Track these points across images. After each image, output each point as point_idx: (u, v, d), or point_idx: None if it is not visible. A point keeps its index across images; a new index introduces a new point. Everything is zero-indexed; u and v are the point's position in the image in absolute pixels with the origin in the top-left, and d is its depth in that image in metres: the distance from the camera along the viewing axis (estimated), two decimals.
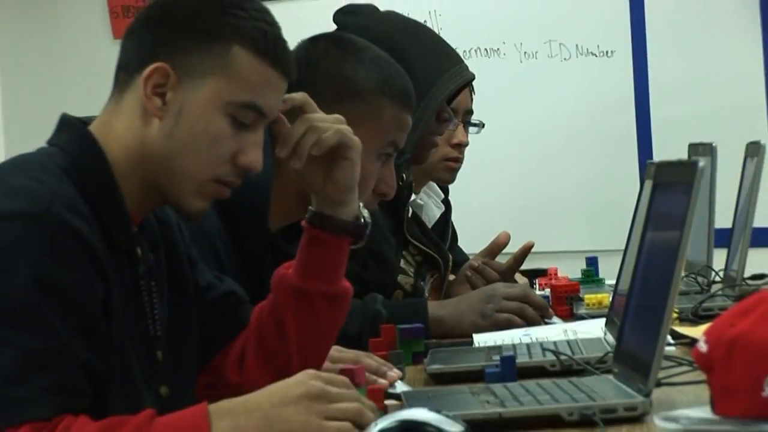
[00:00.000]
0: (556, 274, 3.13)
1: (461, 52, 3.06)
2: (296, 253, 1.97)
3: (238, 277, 2.08)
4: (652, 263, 1.75)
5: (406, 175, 2.84)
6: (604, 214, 4.45)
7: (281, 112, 1.86)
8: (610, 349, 1.98)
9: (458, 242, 3.47)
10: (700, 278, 2.84)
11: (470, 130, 3.32)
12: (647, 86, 4.53)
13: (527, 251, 2.98)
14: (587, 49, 4.62)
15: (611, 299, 2.43)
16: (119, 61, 1.78)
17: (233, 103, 1.74)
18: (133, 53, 1.76)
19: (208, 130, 1.73)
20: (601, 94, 4.59)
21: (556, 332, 2.36)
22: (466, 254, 3.37)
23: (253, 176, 1.83)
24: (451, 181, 3.31)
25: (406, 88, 2.31)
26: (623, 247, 2.49)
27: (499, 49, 4.71)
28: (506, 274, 2.92)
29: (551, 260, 3.45)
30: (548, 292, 2.81)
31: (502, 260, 3.00)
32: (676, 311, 2.26)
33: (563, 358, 1.98)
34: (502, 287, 2.62)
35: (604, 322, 2.31)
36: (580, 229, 4.54)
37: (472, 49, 4.65)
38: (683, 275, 2.45)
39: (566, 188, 4.59)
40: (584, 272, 3.19)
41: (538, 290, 2.97)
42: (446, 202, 3.38)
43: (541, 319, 2.55)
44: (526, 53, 4.69)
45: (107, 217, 1.69)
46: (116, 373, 1.65)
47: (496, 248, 3.04)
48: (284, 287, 1.95)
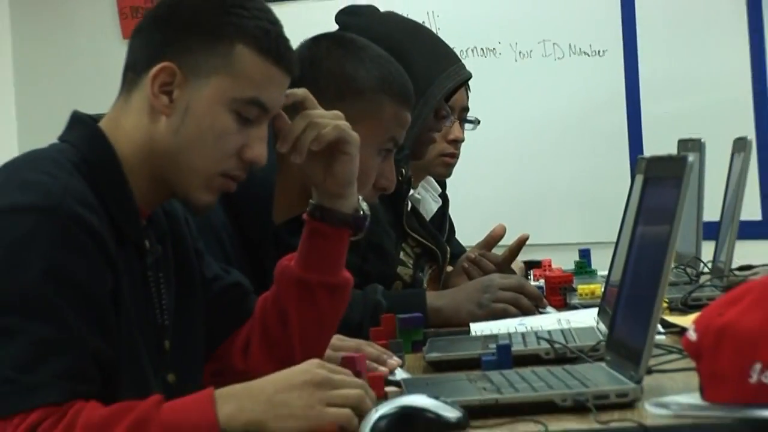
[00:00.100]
0: (550, 265, 3.12)
1: (458, 51, 3.06)
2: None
3: (243, 268, 2.08)
4: (642, 255, 1.75)
5: (405, 170, 2.84)
6: (596, 207, 4.45)
7: (283, 106, 1.86)
8: (602, 337, 1.98)
9: (455, 235, 3.47)
10: (689, 269, 2.84)
11: (466, 126, 3.32)
12: (638, 84, 4.53)
13: (522, 243, 2.97)
14: (580, 48, 4.62)
15: (603, 290, 2.43)
16: (127, 60, 1.78)
17: (238, 99, 1.74)
18: (140, 53, 1.76)
19: (214, 126, 1.73)
20: (593, 91, 4.58)
21: (550, 321, 2.36)
22: (463, 246, 3.37)
23: (257, 171, 1.83)
24: (447, 175, 3.31)
25: (405, 86, 2.30)
26: (615, 239, 2.49)
27: (494, 48, 4.71)
28: (502, 265, 2.92)
29: (545, 252, 3.44)
30: (542, 282, 2.81)
31: (497, 252, 2.99)
32: (666, 301, 2.25)
33: (557, 346, 1.98)
34: (498, 278, 2.62)
35: (596, 311, 2.30)
36: (573, 222, 4.54)
37: (468, 48, 4.64)
38: (673, 266, 2.44)
39: (560, 183, 4.59)
40: (577, 264, 3.19)
41: (532, 281, 2.96)
42: (443, 196, 3.37)
43: (535, 308, 2.54)
44: (520, 52, 4.69)
45: (116, 210, 1.69)
46: (125, 361, 1.66)
47: (492, 241, 3.04)
48: (287, 278, 1.95)
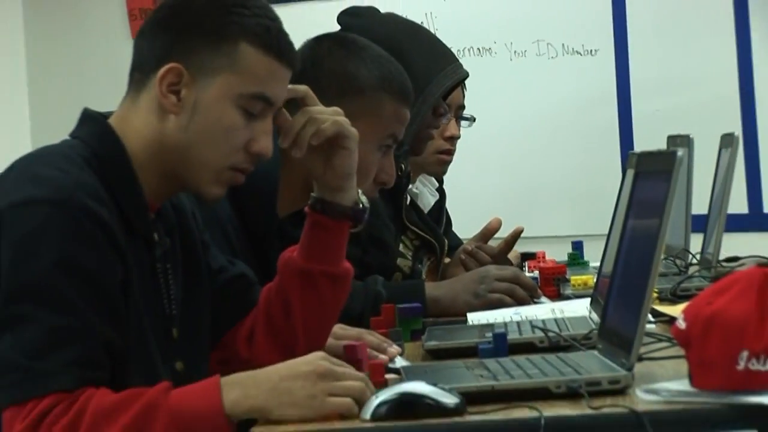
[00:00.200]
0: (544, 257, 3.12)
1: (455, 51, 3.05)
2: None
3: (248, 260, 2.08)
4: (633, 247, 1.75)
5: (404, 165, 2.84)
6: (588, 201, 4.45)
7: (285, 102, 1.86)
8: (594, 326, 1.97)
9: (452, 227, 3.47)
10: (678, 261, 2.83)
11: (462, 124, 3.32)
12: (629, 82, 4.52)
13: (517, 236, 2.97)
14: (572, 48, 4.61)
15: (596, 280, 2.43)
16: (133, 61, 1.79)
17: (244, 95, 1.74)
18: (147, 54, 1.76)
19: (222, 122, 1.73)
20: (585, 90, 4.58)
21: (544, 311, 2.36)
22: (460, 239, 3.36)
23: (262, 167, 1.83)
24: (442, 173, 3.30)
25: (404, 84, 2.30)
26: (607, 231, 2.48)
27: (490, 48, 4.70)
28: (497, 257, 2.91)
29: (539, 244, 3.44)
30: (537, 273, 2.80)
31: (493, 244, 2.99)
32: (656, 291, 2.25)
33: (551, 334, 1.97)
34: (494, 269, 2.61)
35: (589, 301, 2.30)
36: (566, 215, 4.54)
37: (465, 48, 4.64)
38: (662, 258, 2.44)
39: (553, 177, 4.58)
40: (570, 255, 3.19)
41: (527, 272, 2.96)
42: (440, 190, 3.37)
43: (530, 298, 2.54)
44: (515, 52, 4.68)
45: (126, 204, 1.69)
46: (134, 349, 1.66)
47: (488, 233, 3.04)
48: (289, 269, 1.95)
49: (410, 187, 3.06)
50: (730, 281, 1.47)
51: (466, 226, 3.31)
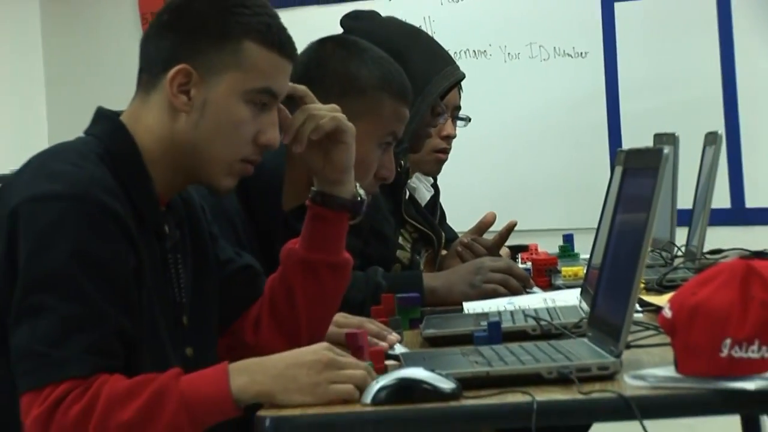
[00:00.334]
0: (536, 249, 3.12)
1: (452, 53, 3.04)
2: None
3: (254, 252, 2.08)
4: (622, 240, 1.75)
5: (403, 161, 2.84)
6: (579, 196, 4.44)
7: (284, 101, 1.86)
8: (584, 315, 1.97)
9: (446, 221, 3.46)
10: (664, 253, 2.82)
11: (458, 124, 3.31)
12: (617, 83, 4.51)
13: (511, 229, 2.97)
14: (564, 50, 4.60)
15: (585, 271, 2.43)
16: (141, 63, 1.79)
17: (250, 91, 1.74)
18: (154, 56, 1.76)
19: (231, 118, 1.74)
20: (576, 90, 4.56)
21: (536, 301, 2.35)
22: (455, 231, 3.36)
23: (269, 164, 1.83)
24: (437, 172, 3.29)
25: (404, 84, 2.30)
26: (596, 225, 2.48)
27: (485, 50, 4.69)
28: (492, 249, 2.91)
29: (532, 237, 3.43)
30: (529, 265, 2.80)
31: (488, 237, 2.99)
32: (643, 282, 2.25)
33: (543, 323, 1.97)
34: (488, 261, 2.61)
35: (579, 291, 2.30)
36: (557, 209, 4.53)
37: (461, 50, 4.63)
38: (649, 250, 2.43)
39: (545, 173, 4.57)
40: (561, 248, 3.18)
41: (520, 263, 2.95)
42: (434, 186, 3.36)
43: (523, 289, 2.54)
44: (509, 54, 4.67)
45: (138, 197, 1.69)
46: (146, 336, 1.65)
47: (483, 226, 3.03)
48: (292, 259, 1.95)
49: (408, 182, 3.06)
50: (713, 272, 1.47)
51: (462, 219, 3.30)
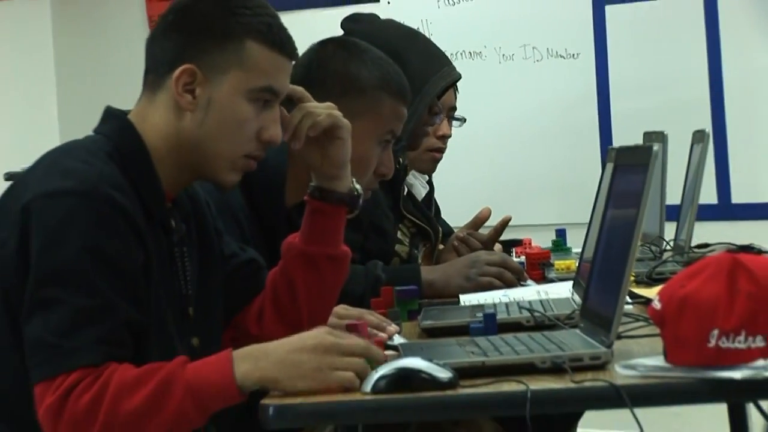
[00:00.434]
0: (530, 243, 3.11)
1: (449, 54, 3.03)
2: None
3: (258, 246, 2.08)
4: (612, 234, 1.74)
5: (402, 159, 2.84)
6: (571, 192, 4.43)
7: (283, 100, 1.86)
8: (576, 307, 1.97)
9: (441, 215, 3.46)
10: (653, 247, 2.82)
11: (454, 124, 3.31)
12: (608, 84, 4.51)
13: (505, 224, 2.96)
14: (556, 52, 4.60)
15: (577, 265, 2.43)
16: (146, 64, 1.79)
17: (253, 89, 1.74)
18: (159, 57, 1.76)
19: (234, 115, 1.74)
20: (568, 90, 4.56)
21: (530, 293, 2.35)
22: (450, 226, 3.36)
23: (272, 162, 1.83)
24: (433, 170, 3.28)
25: (402, 84, 2.30)
26: (588, 220, 2.48)
27: (481, 52, 4.68)
28: (488, 243, 2.91)
29: (526, 232, 3.43)
30: (524, 258, 2.80)
31: (483, 232, 2.99)
32: (633, 275, 2.24)
33: (537, 315, 1.97)
34: (484, 255, 2.61)
35: (571, 284, 2.30)
36: (550, 205, 4.52)
37: (458, 52, 4.62)
38: (639, 244, 2.43)
39: (539, 171, 4.57)
40: (554, 242, 3.18)
41: (514, 257, 2.95)
42: (429, 183, 3.36)
43: (517, 281, 2.53)
44: (504, 56, 4.67)
45: (145, 193, 1.69)
46: (154, 326, 1.65)
47: (479, 222, 3.03)
48: (292, 252, 1.96)
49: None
50: (701, 266, 1.46)
51: (459, 215, 3.30)
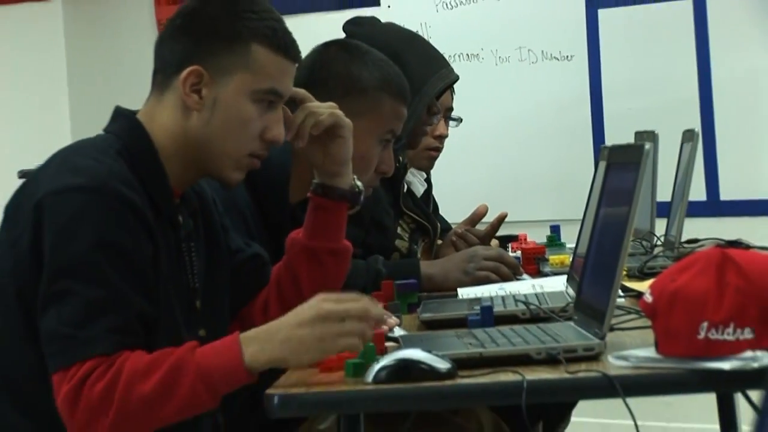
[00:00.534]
0: (525, 239, 3.11)
1: (447, 56, 3.02)
2: None
3: (263, 241, 2.08)
4: (605, 230, 1.74)
5: (402, 157, 2.84)
6: (565, 189, 4.43)
7: (286, 100, 1.86)
8: (570, 300, 1.97)
9: (439, 212, 3.45)
10: (644, 242, 2.82)
11: (450, 124, 3.30)
12: (600, 84, 4.50)
13: (501, 220, 2.96)
14: (551, 54, 4.59)
15: (571, 260, 2.42)
16: (155, 65, 1.79)
17: (257, 91, 1.74)
18: (168, 58, 1.76)
19: (239, 115, 1.74)
20: (562, 91, 4.56)
21: (526, 287, 2.35)
22: (449, 223, 3.36)
23: (276, 161, 1.83)
24: (430, 168, 3.28)
25: (402, 85, 2.30)
26: (581, 216, 2.47)
27: (478, 54, 4.68)
28: (485, 239, 2.91)
29: (522, 228, 3.42)
30: (519, 253, 2.80)
31: (481, 228, 2.98)
32: (625, 269, 2.24)
33: (532, 307, 1.97)
34: (481, 250, 2.61)
35: (565, 278, 2.29)
36: (545, 202, 4.52)
37: (455, 54, 4.62)
38: (631, 240, 2.43)
39: (534, 169, 4.57)
40: (549, 237, 3.17)
41: (511, 252, 2.95)
42: (427, 180, 3.36)
43: (513, 275, 2.53)
44: (500, 58, 4.66)
45: (153, 190, 1.69)
46: (162, 318, 1.65)
47: (476, 218, 3.03)
48: (296, 247, 1.96)
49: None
50: (691, 260, 1.46)
51: (457, 212, 3.29)
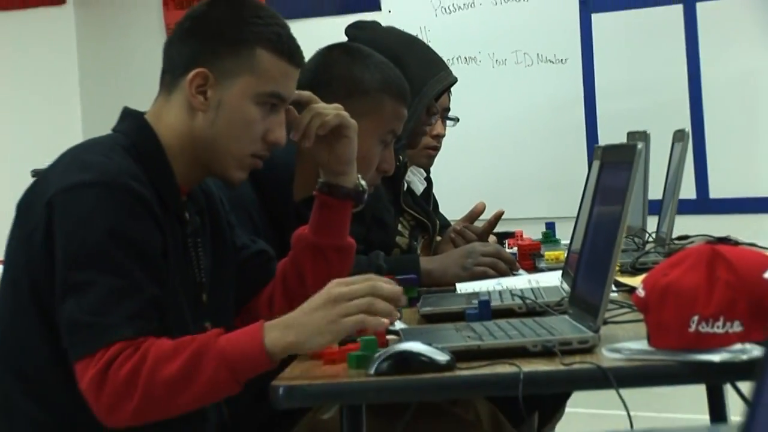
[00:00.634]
0: (521, 235, 3.11)
1: (445, 59, 3.02)
2: None
3: (268, 238, 2.08)
4: (599, 227, 1.74)
5: (402, 156, 2.84)
6: (560, 188, 4.43)
7: (292, 102, 1.85)
8: (565, 294, 1.97)
9: (439, 209, 3.45)
10: (636, 239, 2.82)
11: (448, 123, 3.30)
12: (594, 87, 4.50)
13: (498, 218, 2.96)
14: (546, 57, 4.59)
15: (566, 256, 2.42)
16: (163, 66, 1.79)
17: (261, 94, 1.74)
18: (176, 60, 1.76)
19: (243, 117, 1.74)
20: (557, 93, 4.56)
21: (522, 281, 2.35)
22: (448, 220, 3.36)
23: (281, 159, 1.83)
24: (429, 165, 3.28)
25: (403, 87, 2.30)
26: (575, 214, 2.48)
27: (475, 57, 4.68)
28: (482, 235, 2.90)
29: (518, 225, 3.42)
30: (516, 249, 2.80)
31: (478, 225, 2.98)
32: (618, 265, 2.24)
33: (528, 302, 1.96)
34: (479, 246, 2.61)
35: (560, 273, 2.30)
36: (541, 200, 4.52)
37: (454, 57, 4.62)
38: (624, 236, 2.43)
39: (530, 168, 4.57)
40: (544, 234, 3.18)
41: (507, 248, 2.95)
42: (428, 179, 3.36)
43: (510, 271, 2.53)
44: (497, 61, 4.66)
45: (161, 186, 1.69)
46: (170, 311, 1.65)
47: (474, 215, 3.03)
48: (302, 243, 1.96)
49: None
50: (682, 256, 1.46)
51: (456, 209, 3.29)
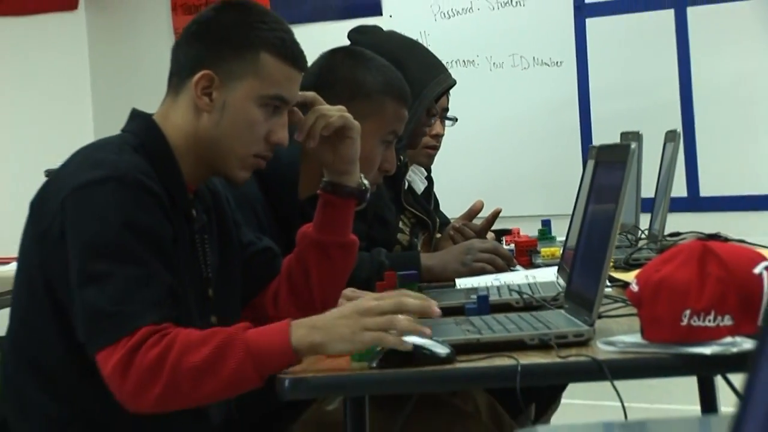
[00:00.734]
0: (518, 232, 3.11)
1: (444, 62, 3.02)
2: None
3: (274, 235, 2.08)
4: (594, 224, 1.74)
5: (403, 156, 2.84)
6: (555, 186, 4.43)
7: (296, 104, 1.85)
8: (561, 290, 1.96)
9: (440, 208, 3.45)
10: (630, 235, 2.82)
11: (446, 123, 3.30)
12: (588, 89, 4.50)
13: (496, 215, 2.96)
14: (542, 60, 4.59)
15: (562, 252, 2.42)
16: (171, 68, 1.79)
17: (264, 96, 1.74)
18: (183, 62, 1.76)
19: (246, 118, 1.74)
20: (553, 95, 4.55)
21: (519, 277, 2.35)
22: (447, 217, 3.36)
23: (286, 159, 1.83)
24: (429, 164, 3.28)
25: (404, 89, 2.30)
26: (571, 212, 2.47)
27: (473, 60, 4.68)
28: (481, 233, 2.91)
29: (515, 222, 3.42)
30: (513, 246, 2.80)
31: (477, 222, 2.98)
32: (612, 261, 2.24)
33: (525, 296, 1.97)
34: (477, 243, 2.61)
35: (556, 269, 2.30)
36: (537, 198, 4.52)
37: (452, 60, 4.61)
38: (618, 233, 2.43)
39: (526, 167, 4.57)
40: (540, 231, 3.16)
41: (505, 245, 2.95)
42: (429, 178, 3.36)
43: (507, 267, 2.53)
44: (494, 64, 4.66)
45: (168, 183, 1.69)
46: (179, 303, 1.65)
47: (472, 213, 3.03)
48: (306, 241, 1.96)
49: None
50: (674, 252, 1.46)
51: (455, 207, 3.29)
